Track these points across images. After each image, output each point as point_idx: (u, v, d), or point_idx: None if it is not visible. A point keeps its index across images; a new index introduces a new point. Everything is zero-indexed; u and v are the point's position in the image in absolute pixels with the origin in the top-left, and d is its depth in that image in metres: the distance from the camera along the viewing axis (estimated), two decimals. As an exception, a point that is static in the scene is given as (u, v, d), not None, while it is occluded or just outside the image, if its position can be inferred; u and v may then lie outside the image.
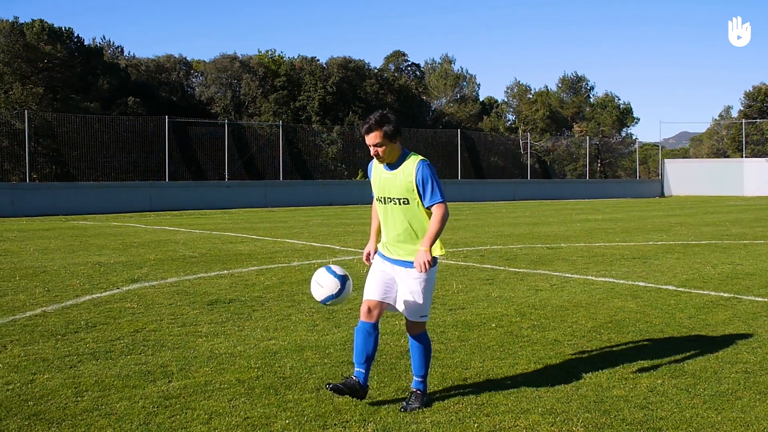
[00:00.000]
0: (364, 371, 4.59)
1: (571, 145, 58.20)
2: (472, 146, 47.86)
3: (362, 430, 4.18)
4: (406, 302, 4.64)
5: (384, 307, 4.69)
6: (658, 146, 58.77)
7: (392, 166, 4.64)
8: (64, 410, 4.47)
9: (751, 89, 57.51)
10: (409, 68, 62.43)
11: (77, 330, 6.63)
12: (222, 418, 4.34)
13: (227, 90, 47.47)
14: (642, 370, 5.34)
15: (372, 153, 4.61)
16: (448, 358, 5.69)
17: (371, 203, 4.99)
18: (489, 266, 10.95)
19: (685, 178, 47.72)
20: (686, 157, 61.24)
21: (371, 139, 4.55)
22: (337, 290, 4.69)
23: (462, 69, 63.88)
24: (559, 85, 65.87)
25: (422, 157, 4.64)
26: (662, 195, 47.24)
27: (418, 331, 4.70)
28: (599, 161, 58.45)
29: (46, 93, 36.59)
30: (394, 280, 4.68)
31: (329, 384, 4.54)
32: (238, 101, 47.61)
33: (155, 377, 5.15)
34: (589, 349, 5.99)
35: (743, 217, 22.88)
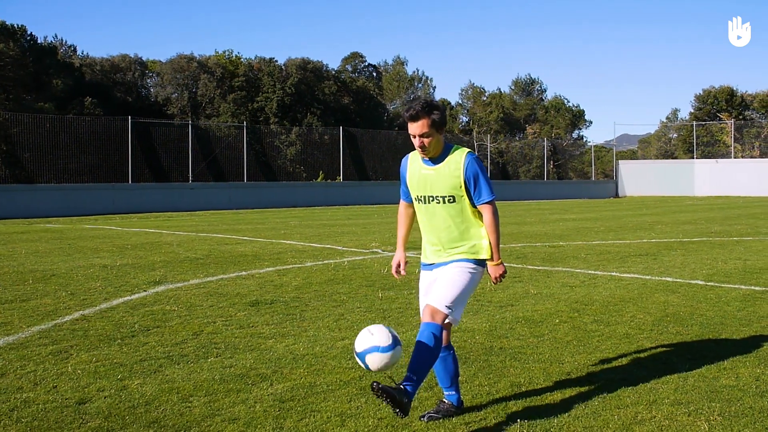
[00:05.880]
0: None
1: (525, 147, 59.13)
2: (433, 148, 48.05)
3: (502, 424, 4.09)
4: (435, 286, 4.14)
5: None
6: (608, 147, 60.23)
7: (435, 160, 4.12)
8: (181, 416, 4.25)
9: (701, 92, 59.51)
10: (366, 69, 62.40)
11: (133, 334, 6.35)
12: (356, 419, 4.19)
13: (184, 90, 46.55)
14: (734, 360, 5.39)
15: (417, 144, 4.06)
16: (536, 353, 5.65)
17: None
18: (506, 264, 10.95)
19: (638, 179, 48.94)
20: (634, 159, 62.80)
21: (417, 128, 4.00)
22: (385, 345, 3.89)
23: (417, 71, 64.24)
24: (512, 87, 66.84)
25: (469, 150, 4.14)
26: (616, 195, 48.35)
27: (431, 318, 3.99)
28: (552, 162, 59.51)
29: (-2, 92, 35.27)
30: None
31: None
32: (196, 102, 46.75)
33: (253, 380, 4.95)
34: (665, 342, 6.02)
35: (713, 215, 23.57)
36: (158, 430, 4.04)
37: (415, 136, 4.05)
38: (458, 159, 4.08)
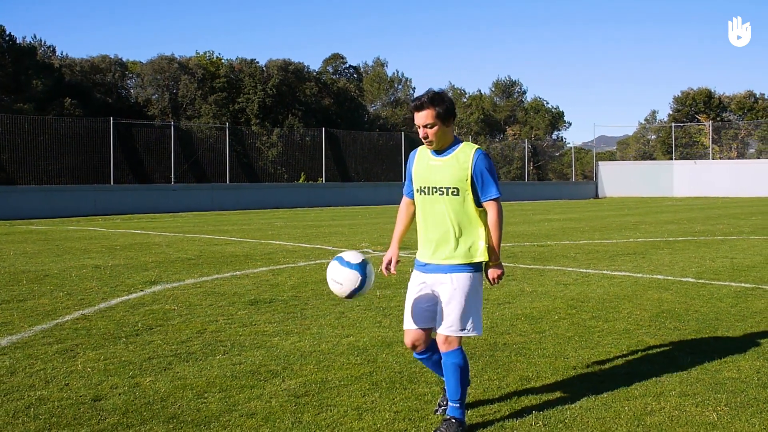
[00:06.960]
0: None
1: (505, 148, 59.50)
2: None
3: (516, 416, 4.17)
4: (441, 311, 4.06)
5: (429, 333, 4.19)
6: (587, 149, 60.81)
7: (442, 152, 4.12)
8: (198, 412, 4.28)
9: (679, 94, 60.34)
10: (346, 71, 62.43)
11: (136, 332, 6.35)
12: (372, 413, 4.25)
13: (164, 92, 46.26)
14: (734, 354, 5.52)
15: (421, 135, 4.07)
16: (540, 349, 5.74)
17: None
18: (499, 263, 11.06)
19: (617, 180, 49.45)
20: (612, 160, 63.46)
21: (422, 118, 4.02)
22: (359, 283, 4.12)
23: (397, 72, 64.40)
24: (493, 88, 67.21)
25: (478, 146, 4.14)
26: (596, 196, 48.79)
27: (449, 346, 4.06)
28: (532, 164, 59.95)
29: (-25, 93, 34.79)
30: (435, 294, 4.11)
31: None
32: (176, 103, 46.48)
33: (264, 377, 4.99)
34: (664, 337, 6.14)
35: (694, 215, 23.92)
36: (177, 425, 4.07)
37: (419, 127, 4.07)
38: (468, 152, 4.08)
